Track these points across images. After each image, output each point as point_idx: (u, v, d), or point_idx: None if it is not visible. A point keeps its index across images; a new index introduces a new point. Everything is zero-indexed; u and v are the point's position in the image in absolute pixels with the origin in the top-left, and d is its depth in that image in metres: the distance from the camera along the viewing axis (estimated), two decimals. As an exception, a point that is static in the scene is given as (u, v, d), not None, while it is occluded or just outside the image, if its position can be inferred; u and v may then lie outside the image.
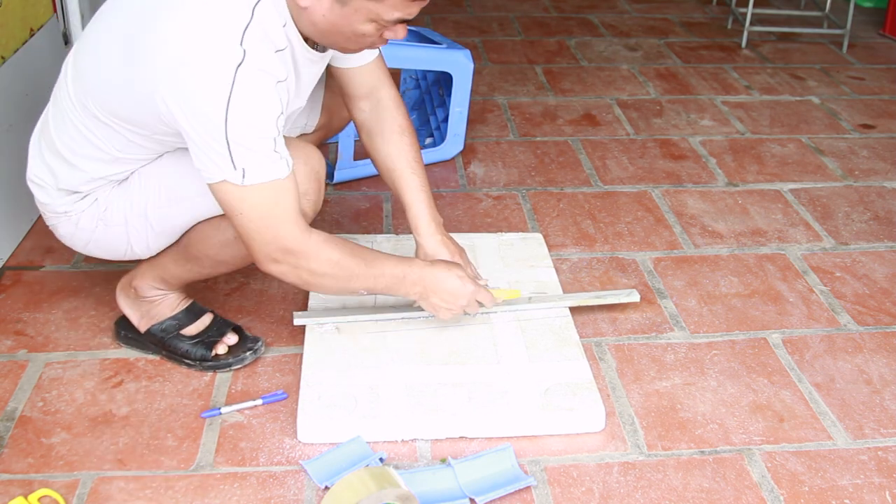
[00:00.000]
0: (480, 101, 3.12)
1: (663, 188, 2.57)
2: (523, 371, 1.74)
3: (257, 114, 1.46)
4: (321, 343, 1.79)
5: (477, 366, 1.75)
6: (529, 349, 1.79)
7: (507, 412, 1.64)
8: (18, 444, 1.59)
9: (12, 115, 2.20)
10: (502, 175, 2.61)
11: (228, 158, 1.46)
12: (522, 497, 1.51)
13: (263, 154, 1.48)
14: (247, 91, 1.43)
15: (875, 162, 2.77)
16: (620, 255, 2.22)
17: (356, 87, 1.85)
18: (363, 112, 1.87)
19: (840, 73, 3.52)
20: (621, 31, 3.96)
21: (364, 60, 1.82)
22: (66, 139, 1.63)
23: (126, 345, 1.85)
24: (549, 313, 1.90)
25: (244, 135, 1.45)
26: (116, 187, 1.68)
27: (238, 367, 1.77)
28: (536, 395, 1.67)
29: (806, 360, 1.87)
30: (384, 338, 1.81)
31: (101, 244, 1.74)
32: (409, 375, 1.72)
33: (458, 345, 1.80)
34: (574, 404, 1.66)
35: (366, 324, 1.85)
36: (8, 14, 2.21)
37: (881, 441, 1.65)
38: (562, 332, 1.85)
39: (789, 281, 2.14)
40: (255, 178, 1.48)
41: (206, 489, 1.51)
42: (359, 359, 1.76)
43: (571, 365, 1.75)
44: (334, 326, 1.84)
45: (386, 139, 1.86)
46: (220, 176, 1.48)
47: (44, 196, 1.71)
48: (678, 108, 3.13)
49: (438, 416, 1.62)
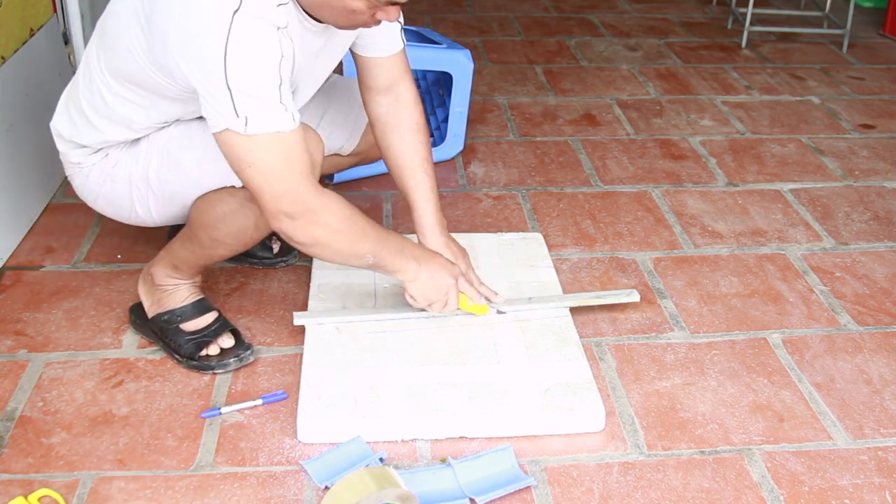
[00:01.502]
0: (480, 101, 3.12)
1: (663, 188, 2.57)
2: (523, 371, 1.74)
3: (256, 58, 1.46)
4: (321, 343, 1.79)
5: (477, 366, 1.75)
6: (529, 349, 1.79)
7: (507, 412, 1.64)
8: (18, 444, 1.59)
9: (12, 115, 2.20)
10: (502, 175, 2.61)
11: (231, 106, 1.46)
12: (522, 497, 1.51)
13: (267, 103, 1.48)
14: (244, 35, 1.44)
15: (875, 162, 2.77)
16: (620, 255, 2.22)
17: (376, 78, 1.85)
18: (381, 106, 1.87)
19: (840, 73, 3.52)
20: (621, 31, 3.96)
21: (387, 52, 1.82)
22: (92, 100, 1.69)
23: (133, 327, 1.88)
24: (549, 313, 1.90)
25: (245, 81, 1.45)
26: (127, 147, 1.73)
27: (220, 372, 1.77)
28: (536, 395, 1.67)
29: (806, 360, 1.87)
30: (384, 338, 1.81)
31: (108, 200, 1.79)
32: (409, 375, 1.71)
33: (458, 345, 1.80)
34: (574, 404, 1.65)
35: (366, 324, 1.85)
36: (8, 14, 2.21)
37: (881, 441, 1.65)
38: (562, 332, 1.85)
39: (789, 281, 2.14)
40: (259, 128, 1.48)
41: (206, 489, 1.51)
42: (359, 358, 1.76)
43: (571, 365, 1.75)
44: (334, 326, 1.84)
45: (402, 136, 1.87)
46: (223, 124, 1.49)
47: (61, 145, 1.79)
48: (678, 108, 3.13)
49: (438, 417, 1.62)
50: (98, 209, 1.84)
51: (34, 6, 2.38)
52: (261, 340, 1.87)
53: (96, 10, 2.79)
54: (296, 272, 2.11)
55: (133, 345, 1.85)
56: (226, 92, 1.45)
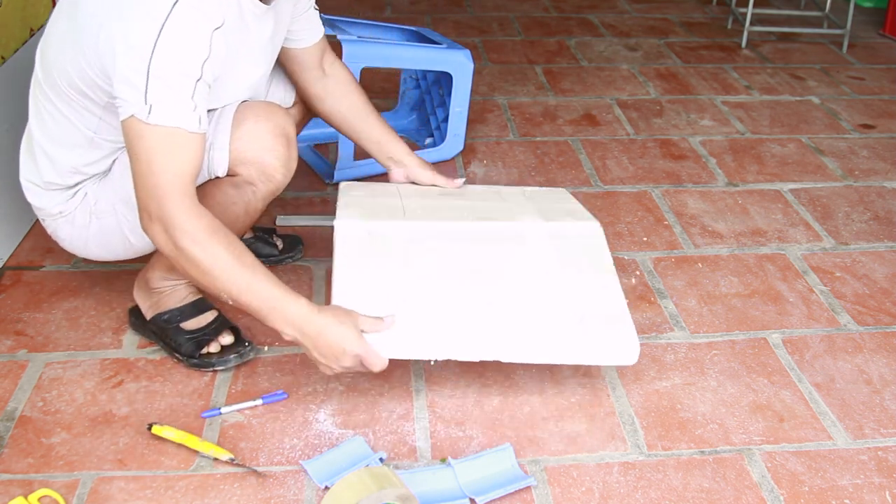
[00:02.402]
0: (480, 101, 3.12)
1: (663, 188, 2.57)
2: (556, 295, 1.72)
3: (184, 50, 1.47)
4: (352, 247, 1.75)
5: (510, 286, 1.72)
6: (564, 268, 1.77)
7: (539, 337, 1.63)
8: (18, 444, 1.59)
9: (12, 115, 2.20)
10: (502, 175, 2.61)
11: (143, 93, 1.45)
12: (522, 497, 1.51)
13: (178, 95, 1.47)
14: (179, 25, 1.45)
15: (875, 162, 2.77)
16: (620, 255, 2.22)
17: (304, 63, 1.95)
18: (317, 81, 1.97)
19: (840, 73, 3.52)
20: (621, 31, 3.96)
21: (314, 39, 1.92)
22: (44, 129, 1.68)
23: (132, 329, 1.88)
24: (583, 231, 1.89)
25: (166, 67, 1.45)
26: (101, 180, 1.72)
27: (221, 369, 1.77)
28: (570, 322, 1.66)
29: (806, 360, 1.87)
30: (419, 247, 1.78)
31: (99, 240, 1.77)
32: (441, 290, 1.69)
33: (491, 260, 1.78)
34: (608, 335, 1.65)
35: (399, 231, 1.82)
36: (8, 14, 2.21)
37: (881, 441, 1.65)
38: (595, 253, 1.83)
39: (789, 281, 2.14)
40: (159, 118, 1.46)
41: (206, 489, 1.51)
42: (388, 270, 1.71)
43: (605, 293, 1.73)
44: (366, 231, 1.80)
45: (342, 94, 1.99)
46: (129, 110, 1.47)
47: (37, 199, 1.77)
48: (678, 108, 3.13)
49: (469, 336, 1.61)
50: (92, 256, 1.82)
51: (34, 6, 2.38)
52: (261, 340, 1.87)
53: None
54: (296, 272, 2.11)
55: (133, 345, 1.85)
56: (143, 77, 1.44)
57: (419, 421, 1.67)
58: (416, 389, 1.75)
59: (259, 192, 1.71)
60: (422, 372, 1.79)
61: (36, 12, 2.39)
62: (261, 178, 1.69)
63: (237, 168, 1.67)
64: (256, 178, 1.69)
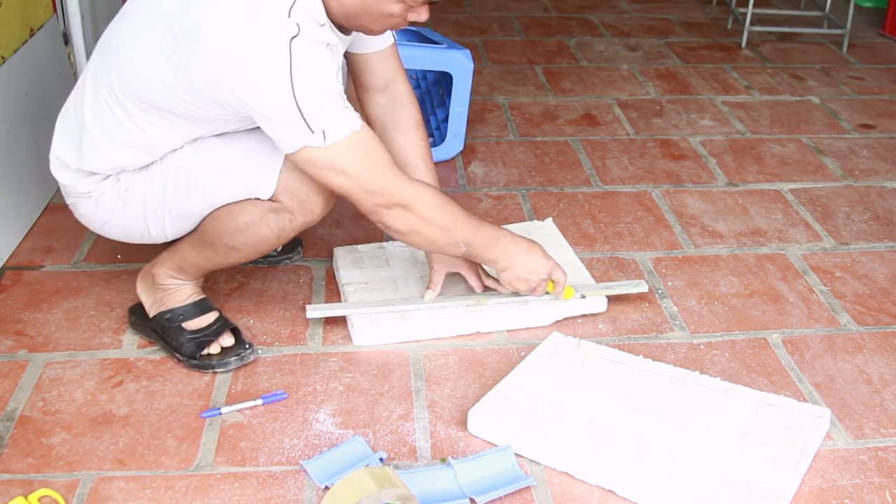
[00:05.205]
0: (480, 101, 3.12)
1: (663, 188, 2.57)
2: (716, 453, 1.54)
3: (320, 77, 1.52)
4: (553, 350, 1.79)
5: (671, 428, 1.58)
6: (745, 434, 1.57)
7: (674, 487, 1.47)
8: (18, 444, 1.59)
9: (12, 115, 2.20)
10: (502, 175, 2.62)
11: (304, 125, 1.51)
12: (522, 497, 1.51)
13: (336, 111, 1.54)
14: (305, 58, 1.49)
15: (875, 162, 2.77)
16: (620, 255, 2.22)
17: (372, 76, 1.88)
18: (378, 106, 1.90)
19: (840, 73, 3.52)
20: (621, 31, 3.96)
21: (381, 46, 1.85)
22: (103, 125, 1.67)
23: (132, 328, 1.87)
24: (792, 408, 1.65)
25: (314, 100, 1.51)
26: (139, 169, 1.72)
27: (221, 371, 1.77)
28: (713, 483, 1.47)
29: (806, 360, 1.87)
30: (609, 367, 1.74)
31: (119, 224, 1.78)
32: (601, 411, 1.62)
33: (669, 401, 1.65)
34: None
35: (601, 346, 1.80)
36: (8, 14, 2.21)
37: (881, 441, 1.65)
38: (794, 431, 1.59)
39: (789, 281, 2.14)
40: (338, 136, 1.54)
41: (206, 489, 1.51)
42: (569, 379, 1.70)
43: (776, 470, 1.50)
44: (577, 340, 1.82)
45: (402, 133, 1.89)
46: (299, 143, 1.53)
47: (65, 177, 1.76)
48: (678, 108, 3.13)
49: (599, 461, 1.52)
50: (104, 233, 1.81)
51: (34, 6, 2.38)
52: (261, 340, 1.87)
53: (96, 10, 2.79)
54: (296, 272, 2.11)
55: (133, 345, 1.85)
56: (297, 114, 1.50)
57: (419, 421, 1.67)
58: (416, 389, 1.75)
59: (296, 222, 1.71)
60: (422, 372, 1.79)
61: (36, 12, 2.39)
62: (301, 209, 1.69)
63: (281, 196, 1.67)
64: (297, 209, 1.69)
